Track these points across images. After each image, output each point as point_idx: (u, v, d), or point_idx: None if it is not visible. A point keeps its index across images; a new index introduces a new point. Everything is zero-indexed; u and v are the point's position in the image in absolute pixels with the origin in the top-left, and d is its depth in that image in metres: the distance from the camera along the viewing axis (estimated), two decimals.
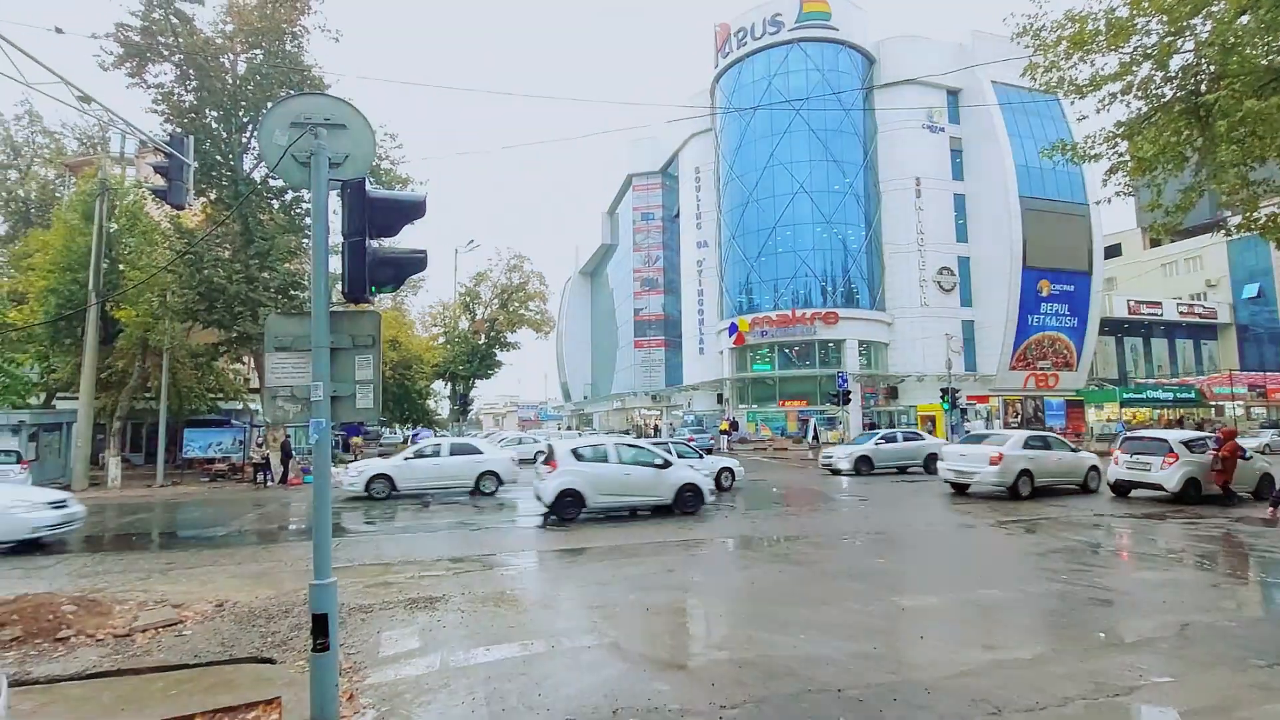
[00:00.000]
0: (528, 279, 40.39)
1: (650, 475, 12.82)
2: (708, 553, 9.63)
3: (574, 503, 12.31)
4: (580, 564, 9.13)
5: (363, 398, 4.31)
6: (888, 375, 46.75)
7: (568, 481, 12.28)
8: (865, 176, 48.05)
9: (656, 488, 12.83)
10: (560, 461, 12.58)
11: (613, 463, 12.81)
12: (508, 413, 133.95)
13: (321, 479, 4.18)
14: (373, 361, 4.36)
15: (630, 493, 12.75)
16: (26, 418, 23.99)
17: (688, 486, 13.00)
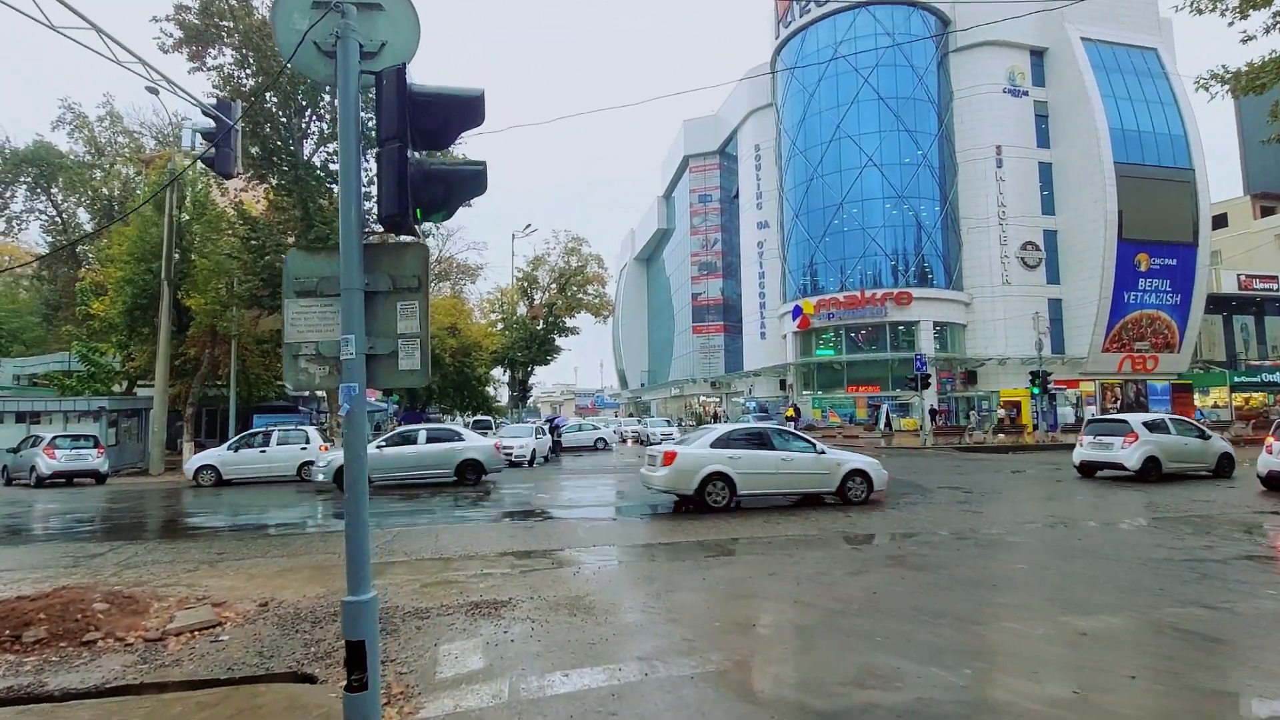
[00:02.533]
0: (586, 262, 39.55)
1: (806, 461, 12.05)
2: (808, 553, 8.36)
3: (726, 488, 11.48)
4: (665, 563, 8.04)
5: (406, 356, 3.26)
6: (966, 359, 43.93)
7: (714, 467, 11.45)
8: (940, 147, 45.07)
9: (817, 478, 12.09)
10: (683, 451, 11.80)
11: None
12: (565, 400, 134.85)
13: (356, 466, 3.16)
14: (419, 310, 3.31)
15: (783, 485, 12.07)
16: (106, 404, 24.61)
17: (856, 472, 12.09)
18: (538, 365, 40.82)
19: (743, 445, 11.63)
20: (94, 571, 7.76)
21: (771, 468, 11.56)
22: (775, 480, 11.65)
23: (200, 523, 12.33)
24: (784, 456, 11.70)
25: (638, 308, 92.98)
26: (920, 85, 45.05)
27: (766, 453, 11.62)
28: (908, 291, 42.40)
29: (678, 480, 11.13)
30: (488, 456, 16.87)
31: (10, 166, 39.07)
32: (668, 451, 11.35)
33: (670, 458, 11.16)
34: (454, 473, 16.39)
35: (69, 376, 31.18)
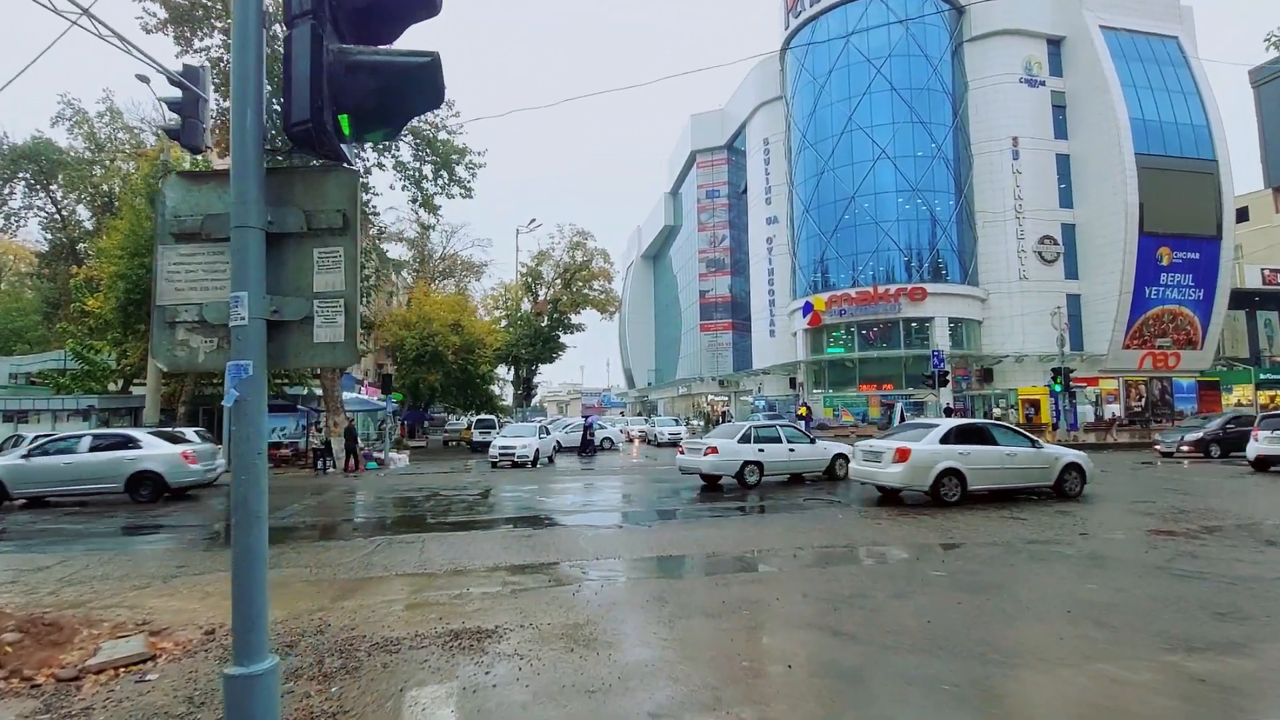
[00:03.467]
0: (591, 256, 38.54)
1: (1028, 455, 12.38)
2: (842, 570, 7.39)
3: None
4: (677, 579, 7.09)
5: (326, 324, 2.32)
6: (982, 356, 42.77)
7: None
8: (955, 138, 43.90)
9: None
10: None
11: None
12: (571, 400, 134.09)
13: (250, 481, 2.21)
14: (345, 260, 2.37)
15: None
16: (95, 402, 23.85)
17: (1072, 466, 12.40)
18: (542, 363, 39.88)
19: (969, 441, 11.77)
20: (31, 589, 6.87)
21: (997, 462, 11.71)
22: (1001, 475, 11.80)
23: (173, 529, 11.45)
24: (1008, 451, 11.85)
25: (644, 306, 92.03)
26: (934, 75, 43.90)
27: (993, 448, 11.80)
28: (922, 287, 41.26)
29: (913, 476, 11.32)
30: (170, 468, 14.11)
31: (9, 163, 38.41)
32: (900, 448, 11.52)
33: (904, 454, 11.36)
34: (124, 487, 13.81)
35: (63, 375, 30.49)
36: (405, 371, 36.87)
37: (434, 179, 24.68)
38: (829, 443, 15.89)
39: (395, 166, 24.26)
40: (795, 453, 14.64)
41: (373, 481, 19.31)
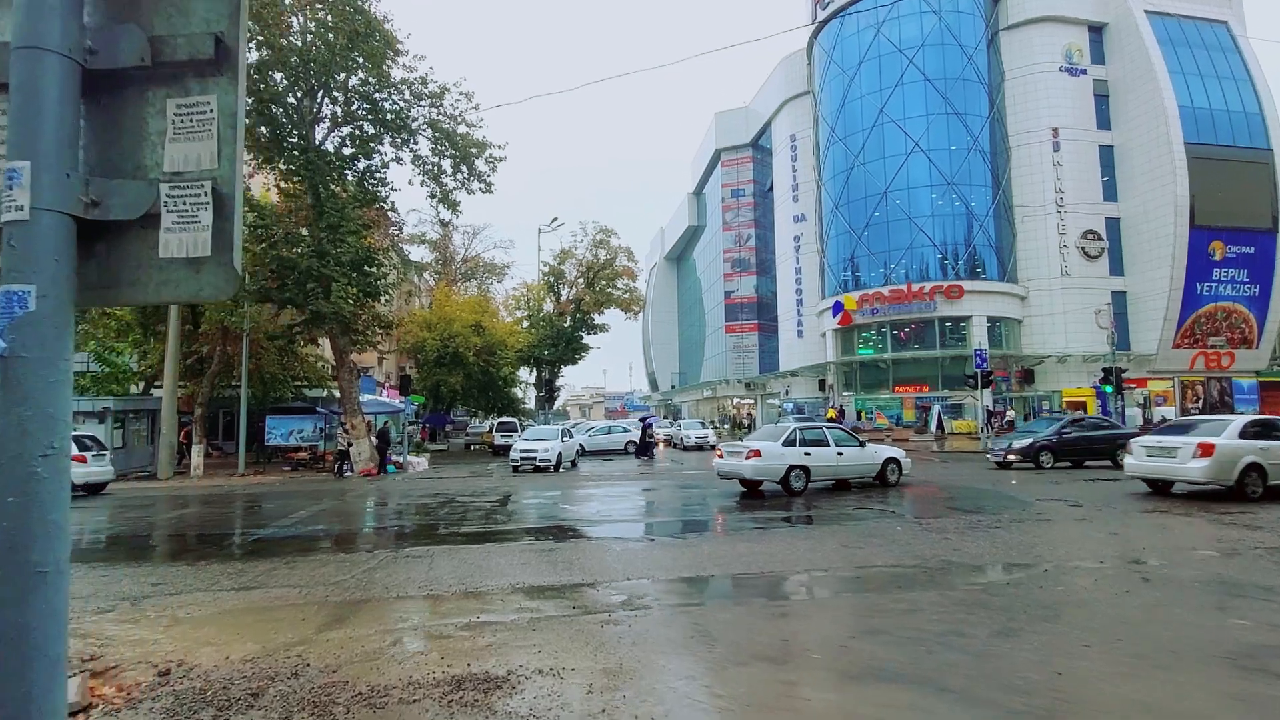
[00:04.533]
0: (615, 254, 37.56)
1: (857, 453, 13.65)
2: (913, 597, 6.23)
3: None
4: (722, 608, 6.01)
5: (183, 225, 1.30)
6: (1022, 356, 40.91)
7: None
8: (992, 130, 42.16)
9: None
10: None
11: None
12: (594, 403, 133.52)
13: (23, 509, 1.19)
14: (218, 118, 1.34)
15: None
16: (112, 404, 23.39)
17: None
18: (565, 364, 38.99)
19: (1268, 436, 11.55)
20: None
21: None
22: None
23: (163, 538, 10.64)
24: None
25: (668, 308, 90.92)
26: (969, 65, 42.23)
27: None
28: (959, 284, 39.60)
29: (1218, 471, 11.11)
30: None
31: None
32: (1204, 444, 11.27)
33: (1209, 449, 11.15)
34: None
35: (84, 377, 30.30)
36: (426, 373, 36.27)
37: (453, 174, 23.92)
38: (878, 446, 14.63)
39: (414, 161, 23.53)
40: (844, 457, 13.53)
41: (389, 486, 18.49)
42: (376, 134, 23.06)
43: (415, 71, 22.74)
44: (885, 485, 13.86)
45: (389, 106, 22.96)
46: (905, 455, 14.46)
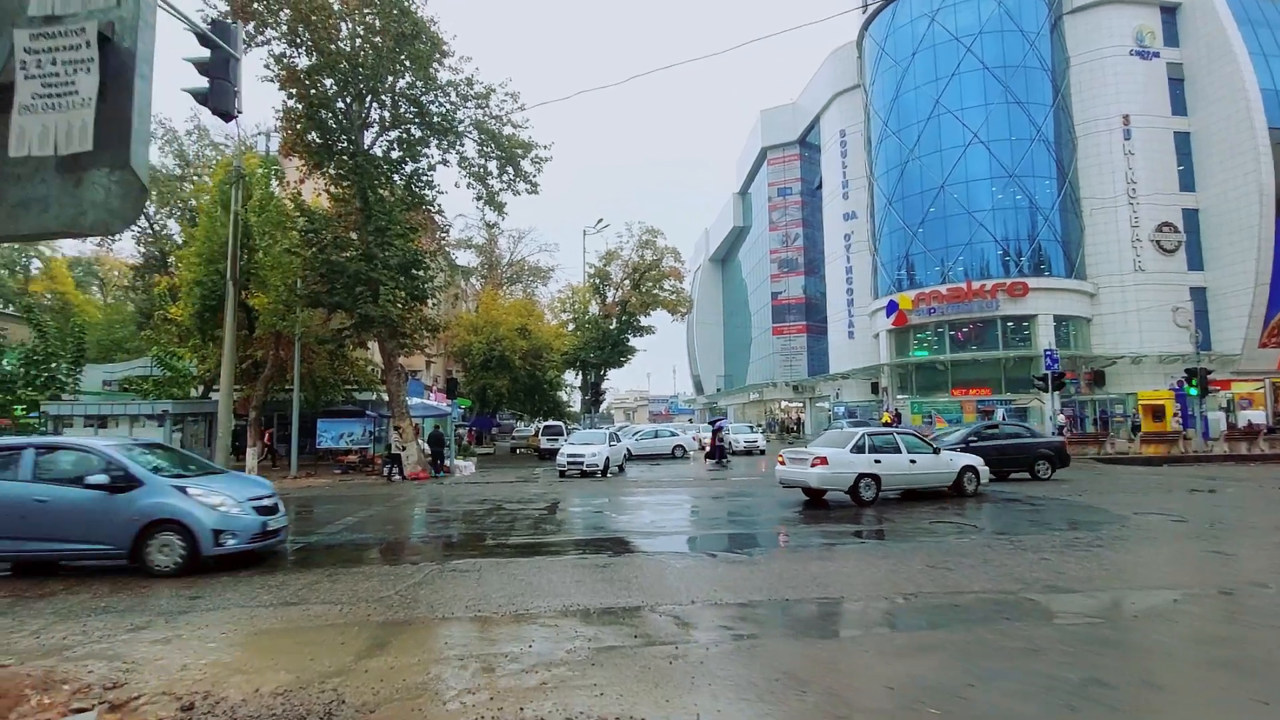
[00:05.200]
0: (661, 255, 36.97)
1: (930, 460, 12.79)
2: (1034, 632, 5.42)
3: None
4: (809, 638, 5.30)
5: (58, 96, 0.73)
6: (1092, 357, 38.68)
7: None
8: (1056, 119, 40.07)
9: None
10: None
11: None
12: (638, 407, 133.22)
13: None
14: None
15: None
16: (170, 407, 23.91)
17: None
18: (611, 367, 38.57)
19: None
20: (15, 626, 5.72)
21: None
22: None
23: None
24: None
25: (713, 310, 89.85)
26: (1032, 51, 40.24)
27: None
28: (1023, 281, 37.65)
29: None
30: None
31: None
32: None
33: None
34: None
35: (146, 381, 31.27)
36: (473, 376, 36.34)
37: (499, 175, 23.71)
38: (953, 453, 13.58)
39: (460, 163, 23.41)
40: (917, 464, 12.58)
41: (436, 491, 18.25)
42: (423, 137, 23.02)
43: (461, 73, 22.66)
44: (961, 495, 12.85)
45: (435, 109, 22.90)
46: (983, 463, 13.38)
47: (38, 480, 7.60)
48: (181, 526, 7.44)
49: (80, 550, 7.65)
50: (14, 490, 7.50)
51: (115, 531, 7.40)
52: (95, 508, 7.45)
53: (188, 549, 7.42)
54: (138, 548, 7.40)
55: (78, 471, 7.79)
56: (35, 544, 7.50)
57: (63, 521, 7.47)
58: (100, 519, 7.44)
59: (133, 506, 7.44)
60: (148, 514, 7.45)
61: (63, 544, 7.56)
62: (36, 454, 7.80)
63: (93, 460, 7.87)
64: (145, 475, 7.72)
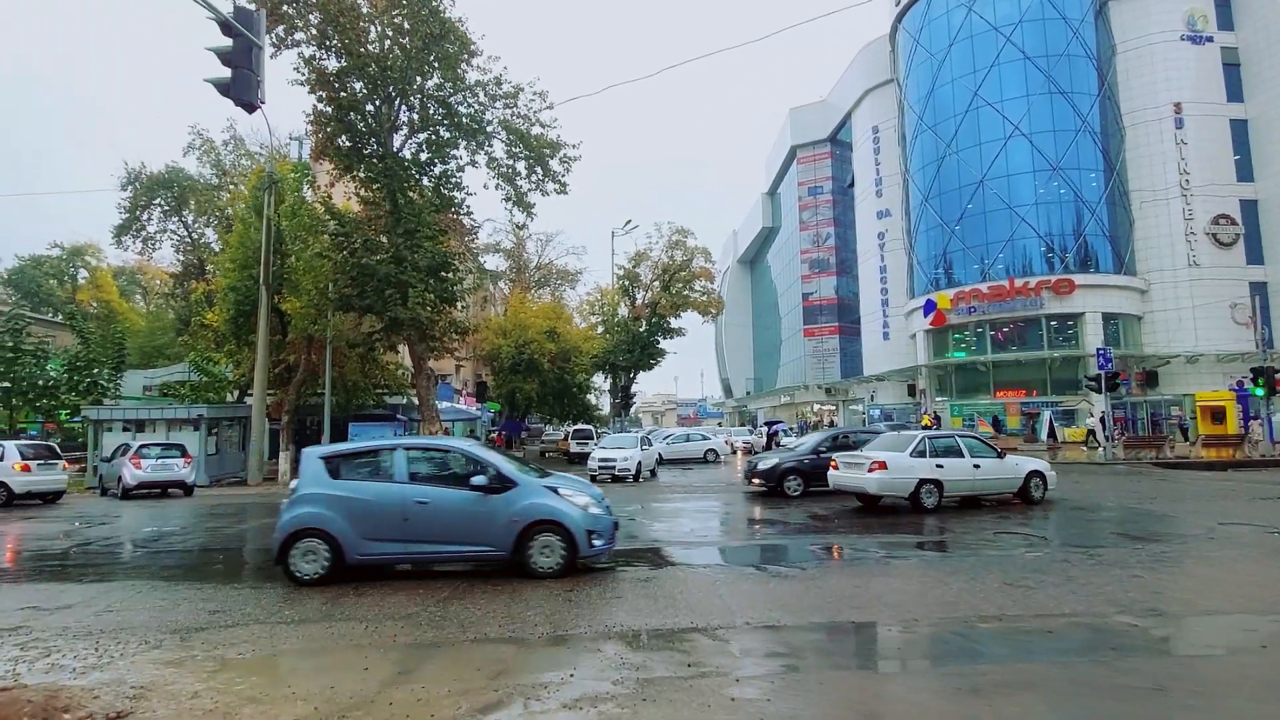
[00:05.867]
0: (691, 255, 36.35)
1: None
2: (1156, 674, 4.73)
3: None
4: (884, 674, 4.68)
5: None
6: (1144, 356, 37.02)
7: None
8: (1102, 109, 38.52)
9: None
10: None
11: None
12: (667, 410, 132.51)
13: None
14: None
15: None
16: (205, 412, 24.03)
17: None
18: (641, 370, 38.02)
19: None
20: (30, 642, 5.38)
21: None
22: None
23: (234, 552, 10.17)
24: None
25: (742, 312, 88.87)
26: (1075, 39, 38.78)
27: None
28: (1069, 278, 36.20)
29: None
30: None
31: (145, 190, 41.03)
32: None
33: None
34: None
35: (183, 386, 31.68)
36: (502, 380, 36.14)
37: (528, 175, 23.41)
38: (1019, 457, 12.74)
39: (488, 164, 23.17)
40: (981, 469, 11.77)
41: None
42: (452, 138, 22.83)
43: (489, 73, 22.43)
44: (1028, 503, 12.00)
45: (464, 110, 22.70)
46: (1050, 468, 12.52)
47: (414, 481, 7.40)
48: (560, 528, 7.25)
49: (463, 552, 7.44)
50: (393, 492, 7.28)
51: (497, 533, 7.22)
52: (475, 509, 7.26)
53: (567, 551, 7.23)
54: (519, 549, 7.20)
55: (453, 472, 7.67)
56: (419, 546, 7.28)
57: (445, 523, 7.26)
58: (482, 520, 7.24)
59: (512, 507, 7.26)
60: (528, 515, 7.26)
61: (446, 546, 7.35)
62: (408, 455, 7.57)
63: (463, 460, 7.76)
64: (518, 475, 7.55)
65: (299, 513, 7.18)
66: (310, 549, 7.09)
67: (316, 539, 7.09)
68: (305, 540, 7.10)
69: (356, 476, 7.46)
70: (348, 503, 7.18)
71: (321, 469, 7.42)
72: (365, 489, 7.32)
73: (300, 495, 7.28)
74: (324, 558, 7.09)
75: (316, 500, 7.20)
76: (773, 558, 8.70)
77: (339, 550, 7.07)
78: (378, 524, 7.17)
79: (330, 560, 7.09)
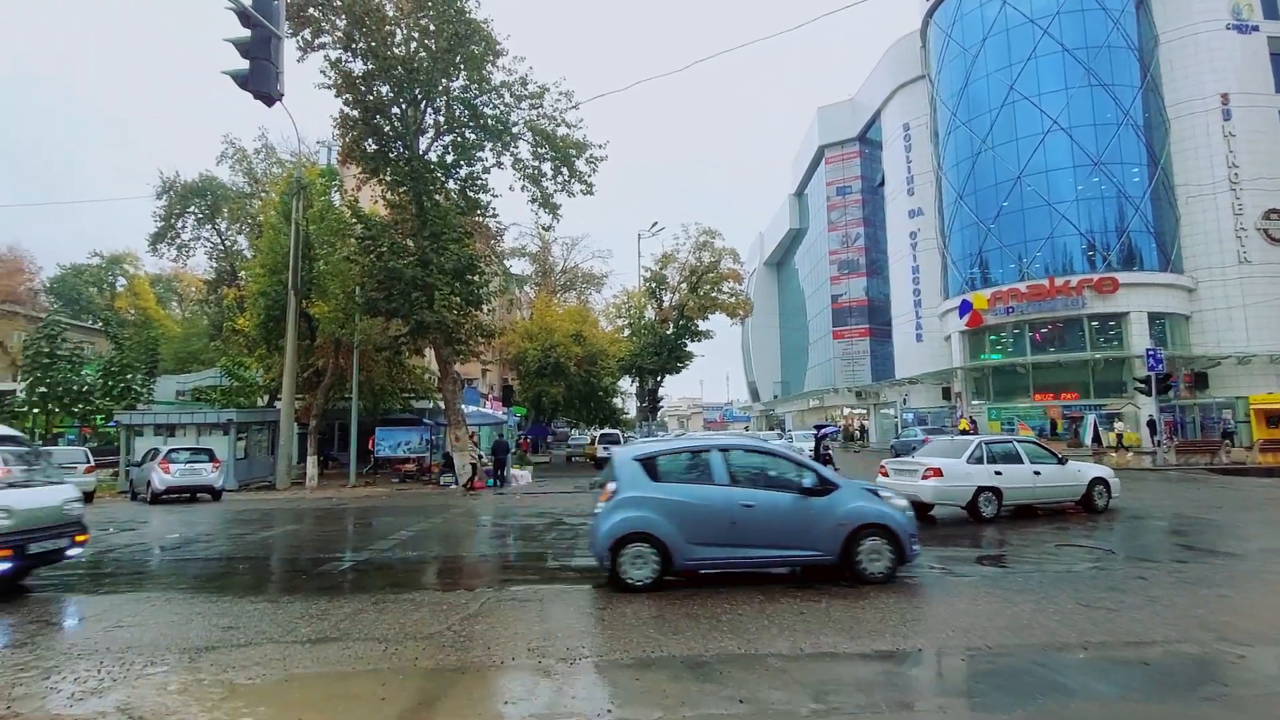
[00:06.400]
0: (719, 256, 35.75)
1: None
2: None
3: None
4: (987, 717, 4.13)
5: None
6: (1192, 357, 35.46)
7: None
8: (1145, 101, 37.09)
9: None
10: None
11: None
12: (693, 414, 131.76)
13: None
14: None
15: None
16: (235, 416, 24.10)
17: None
18: (669, 374, 37.49)
19: None
20: (33, 662, 5.07)
21: None
22: None
23: (255, 561, 9.89)
24: None
25: (769, 315, 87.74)
26: (1115, 30, 37.41)
27: None
28: (1113, 277, 34.83)
29: None
30: None
31: (180, 199, 41.73)
32: None
33: None
34: None
35: (215, 390, 31.99)
36: (528, 384, 35.91)
37: (554, 177, 23.10)
38: (1080, 464, 12.06)
39: (514, 165, 22.91)
40: (1042, 476, 11.13)
41: (492, 502, 17.58)
42: (477, 140, 22.63)
43: (515, 73, 22.17)
44: (1090, 511, 11.24)
45: (489, 112, 22.48)
46: (1114, 475, 11.74)
47: (734, 484, 7.15)
48: (888, 531, 7.02)
49: (787, 557, 7.19)
50: (719, 495, 7.03)
51: (823, 536, 6.99)
52: (800, 512, 7.03)
53: (894, 554, 7.02)
54: (847, 553, 6.98)
55: (768, 473, 7.46)
56: (745, 551, 7.02)
57: (771, 527, 7.00)
58: (807, 523, 7.01)
59: (838, 510, 7.04)
60: (856, 517, 7.02)
61: (771, 550, 7.07)
62: (725, 456, 7.32)
63: (779, 461, 7.58)
64: (837, 477, 7.37)
65: (626, 516, 6.89)
66: (639, 554, 6.84)
67: (644, 543, 6.85)
68: (633, 545, 6.84)
69: (675, 479, 7.23)
70: (673, 506, 6.93)
71: (640, 471, 7.14)
72: (689, 491, 7.07)
73: (623, 498, 6.99)
74: (653, 562, 6.84)
75: (642, 504, 6.94)
76: (822, 573, 8.15)
77: (667, 555, 6.83)
78: (704, 528, 6.91)
79: (659, 565, 6.83)
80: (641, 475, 7.11)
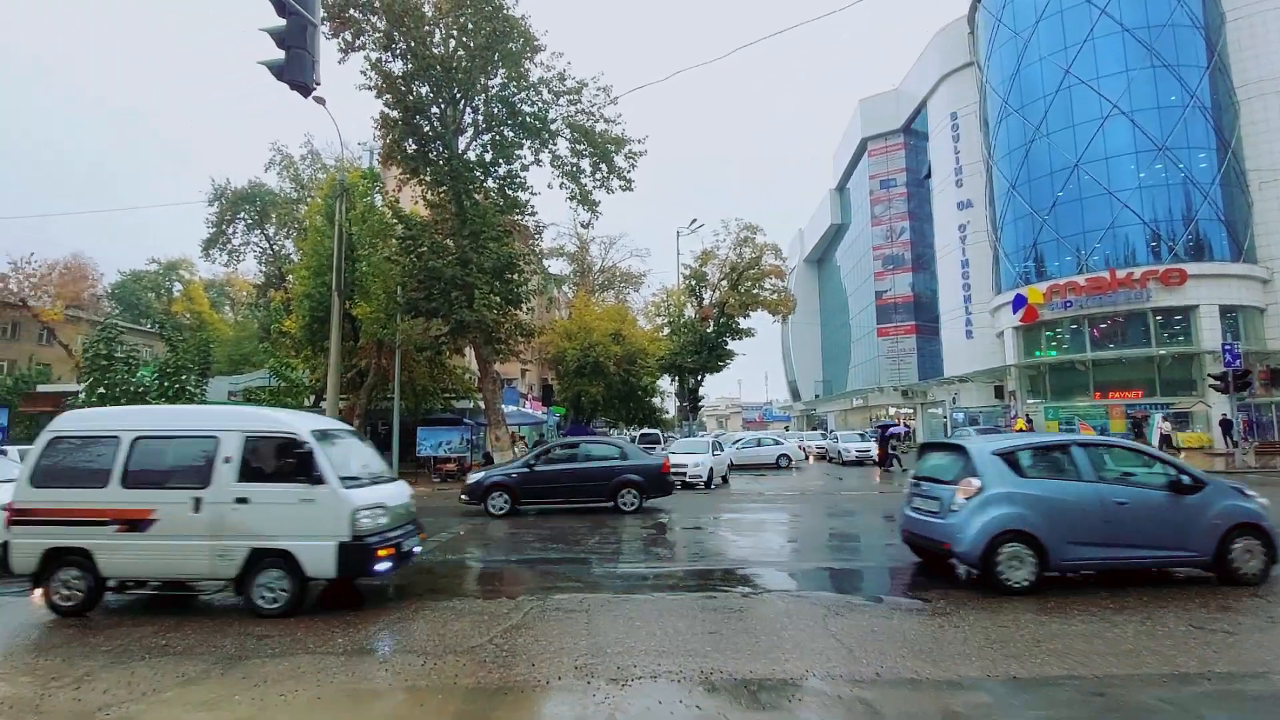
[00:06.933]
0: (760, 252, 35.01)
1: None
2: None
3: None
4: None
5: None
6: (1268, 352, 33.31)
7: None
8: (1213, 82, 34.99)
9: None
10: None
11: None
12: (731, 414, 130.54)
13: None
14: None
15: None
16: None
17: None
18: (710, 373, 36.90)
19: None
20: (65, 669, 4.89)
21: None
22: None
23: None
24: None
25: (809, 313, 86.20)
26: (1180, 8, 35.39)
27: None
28: (1180, 268, 32.93)
29: None
30: None
31: (230, 205, 42.83)
32: None
33: None
34: None
35: (264, 391, 32.64)
36: (567, 384, 35.79)
37: (592, 173, 22.84)
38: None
39: (553, 162, 22.72)
40: None
41: None
42: (516, 139, 22.51)
43: (553, 69, 21.98)
44: None
45: (527, 109, 22.34)
46: None
47: (1101, 481, 6.93)
48: (1259, 530, 6.81)
49: (1160, 557, 6.94)
50: (1092, 492, 6.78)
51: (1198, 536, 6.76)
52: (1171, 510, 6.81)
53: (1267, 554, 6.79)
54: (1221, 554, 6.75)
55: (1126, 470, 7.27)
56: (1119, 551, 6.78)
57: (1143, 526, 6.76)
58: (1179, 522, 6.77)
59: (1211, 509, 6.81)
60: (1230, 517, 6.80)
61: (1145, 550, 6.81)
62: (1087, 452, 7.08)
63: (1142, 457, 7.49)
64: (1205, 475, 7.15)
65: (999, 514, 6.60)
66: (1016, 554, 6.55)
67: (1020, 543, 6.55)
68: (1010, 544, 6.55)
69: (1041, 474, 6.97)
70: (1046, 503, 6.66)
71: (1005, 467, 6.88)
72: (1060, 488, 6.79)
73: (992, 495, 6.69)
74: (1030, 564, 6.55)
75: (1014, 500, 6.66)
76: (886, 585, 7.56)
77: (1044, 555, 6.54)
78: (1079, 526, 6.62)
79: (1037, 566, 6.54)
80: (1008, 471, 6.82)
